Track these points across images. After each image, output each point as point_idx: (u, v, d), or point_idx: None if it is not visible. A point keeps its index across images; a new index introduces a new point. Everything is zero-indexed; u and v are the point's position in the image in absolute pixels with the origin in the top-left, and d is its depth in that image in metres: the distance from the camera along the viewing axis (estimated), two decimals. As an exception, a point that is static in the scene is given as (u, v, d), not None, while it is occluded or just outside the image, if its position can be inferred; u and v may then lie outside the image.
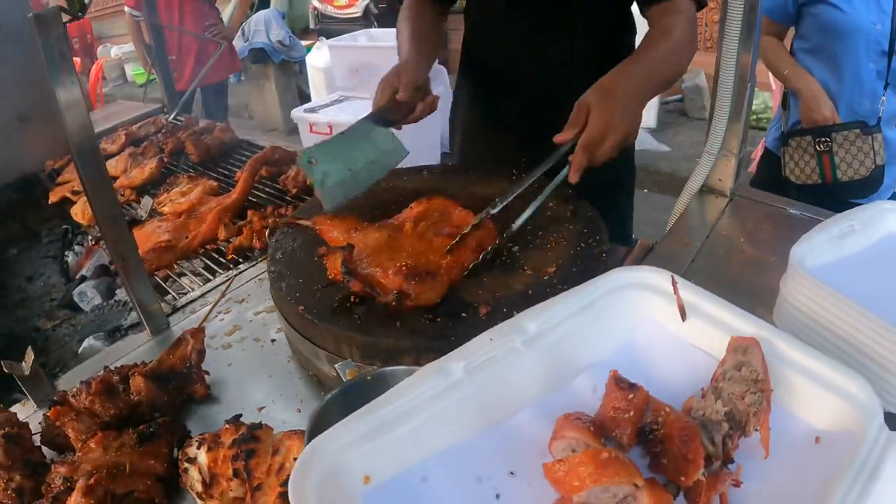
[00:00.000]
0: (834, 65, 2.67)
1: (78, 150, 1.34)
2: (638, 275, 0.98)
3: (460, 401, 0.79)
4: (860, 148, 2.64)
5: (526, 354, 0.86)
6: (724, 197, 1.62)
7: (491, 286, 1.27)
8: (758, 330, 0.85)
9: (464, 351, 0.84)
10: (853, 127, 2.64)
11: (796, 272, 1.03)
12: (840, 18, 2.58)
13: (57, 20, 1.24)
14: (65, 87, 1.27)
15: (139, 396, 1.30)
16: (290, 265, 1.42)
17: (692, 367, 0.86)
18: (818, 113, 2.66)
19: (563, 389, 0.86)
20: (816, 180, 2.73)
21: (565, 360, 0.88)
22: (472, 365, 0.82)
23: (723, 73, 1.43)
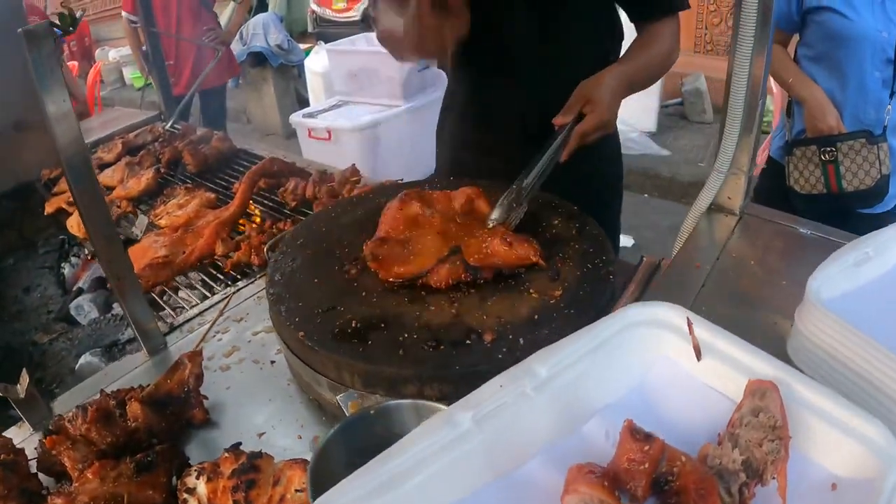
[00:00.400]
0: (839, 73, 2.63)
1: (69, 166, 1.32)
2: (650, 311, 0.95)
3: (469, 452, 0.76)
4: (865, 157, 2.60)
5: (536, 400, 0.83)
6: (734, 215, 1.58)
7: (495, 311, 1.24)
8: (776, 371, 0.82)
9: (472, 399, 0.81)
10: (859, 136, 2.60)
11: (812, 306, 0.99)
12: (845, 26, 2.54)
13: (47, 36, 1.22)
14: (56, 102, 1.25)
15: (136, 423, 1.27)
16: (289, 287, 1.39)
17: (707, 408, 0.83)
18: (823, 122, 2.62)
19: (575, 434, 0.83)
20: (821, 190, 2.69)
21: (577, 402, 0.85)
22: (481, 414, 0.79)
23: (734, 89, 1.39)
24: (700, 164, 5.86)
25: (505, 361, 1.11)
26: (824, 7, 2.58)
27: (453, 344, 1.17)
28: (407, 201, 1.47)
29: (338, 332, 1.22)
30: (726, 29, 6.66)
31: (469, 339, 1.17)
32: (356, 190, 2.14)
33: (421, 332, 1.20)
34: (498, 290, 1.31)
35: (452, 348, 1.16)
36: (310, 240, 1.55)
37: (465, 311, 1.25)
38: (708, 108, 6.66)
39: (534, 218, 1.52)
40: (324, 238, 1.55)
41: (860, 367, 0.94)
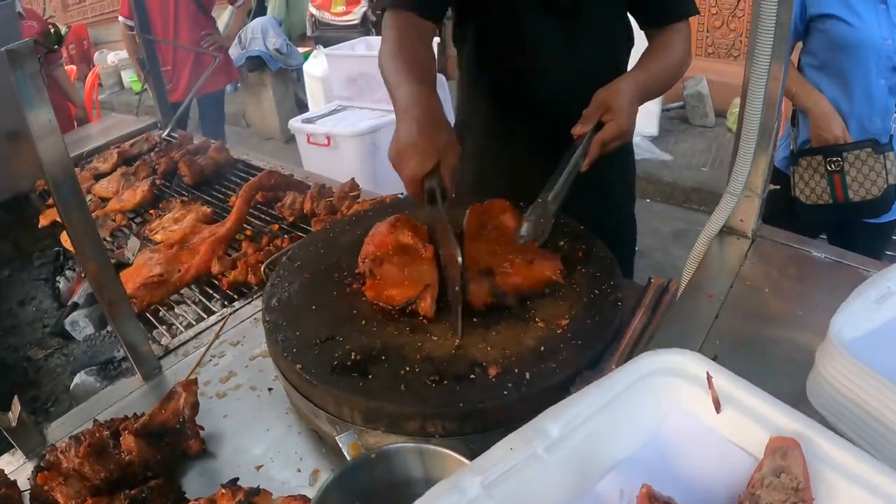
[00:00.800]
0: (843, 81, 2.59)
1: (55, 185, 1.28)
2: (665, 359, 0.90)
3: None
4: (872, 167, 2.56)
5: (549, 461, 0.78)
6: (746, 238, 1.53)
7: (500, 341, 1.20)
8: (798, 426, 0.78)
9: (481, 463, 0.77)
10: (865, 145, 2.56)
11: (835, 348, 0.94)
12: (849, 34, 2.50)
13: (30, 54, 1.19)
14: (40, 120, 1.23)
15: (130, 456, 1.24)
16: (286, 314, 1.35)
17: (727, 464, 0.79)
18: (828, 131, 2.59)
19: (589, 495, 0.79)
20: (827, 200, 2.65)
21: (591, 461, 0.81)
22: (491, 479, 0.74)
23: (749, 109, 1.33)
24: (702, 168, 5.82)
25: (510, 397, 1.08)
26: (828, 15, 2.54)
27: (457, 378, 1.13)
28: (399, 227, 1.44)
29: (337, 365, 1.18)
30: (728, 32, 6.62)
31: (473, 374, 1.13)
32: (355, 206, 2.09)
33: (423, 366, 1.16)
34: (502, 319, 1.27)
35: (456, 383, 1.12)
36: (307, 262, 1.51)
37: (468, 342, 1.21)
38: (710, 112, 6.62)
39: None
40: (322, 260, 1.51)
41: (884, 416, 0.89)
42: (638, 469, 0.73)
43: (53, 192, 1.29)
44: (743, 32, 6.53)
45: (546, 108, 1.81)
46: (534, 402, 1.10)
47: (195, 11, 5.25)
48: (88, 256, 1.37)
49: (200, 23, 5.31)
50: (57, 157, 1.26)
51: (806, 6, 2.59)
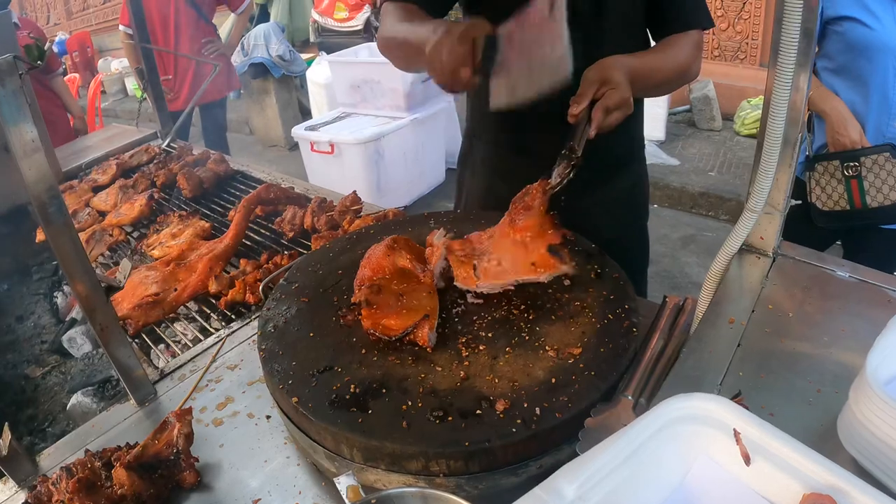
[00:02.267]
0: (860, 85, 2.56)
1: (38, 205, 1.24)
2: (690, 405, 0.83)
3: None
4: (890, 172, 2.52)
5: (565, 528, 0.71)
6: (767, 257, 1.46)
7: (509, 373, 1.14)
8: (834, 479, 0.71)
9: None
10: (883, 150, 2.52)
11: (871, 390, 0.87)
12: (867, 36, 2.46)
13: (12, 71, 1.14)
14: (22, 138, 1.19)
15: (122, 490, 1.19)
16: (282, 342, 1.29)
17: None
18: (845, 136, 2.55)
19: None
20: (845, 206, 2.61)
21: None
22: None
23: (771, 122, 1.26)
24: (710, 172, 5.75)
25: (519, 434, 1.02)
26: (845, 17, 2.50)
27: (462, 414, 1.06)
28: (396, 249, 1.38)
29: (335, 399, 1.12)
30: (734, 34, 6.55)
31: (479, 409, 1.07)
32: (357, 221, 2.03)
33: (426, 399, 1.10)
34: (511, 346, 1.20)
35: (461, 419, 1.05)
36: (305, 285, 1.45)
37: (474, 372, 1.15)
38: (717, 116, 6.55)
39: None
40: (320, 283, 1.45)
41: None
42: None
43: (39, 213, 1.24)
44: (749, 35, 6.47)
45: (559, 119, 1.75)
46: (544, 440, 1.04)
47: (196, 18, 5.20)
48: (77, 279, 1.31)
49: (201, 30, 5.27)
50: (41, 176, 1.21)
51: (823, 8, 2.53)
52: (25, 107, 1.16)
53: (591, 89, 1.48)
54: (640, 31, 1.81)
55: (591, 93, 1.48)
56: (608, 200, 1.52)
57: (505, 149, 1.94)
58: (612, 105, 1.46)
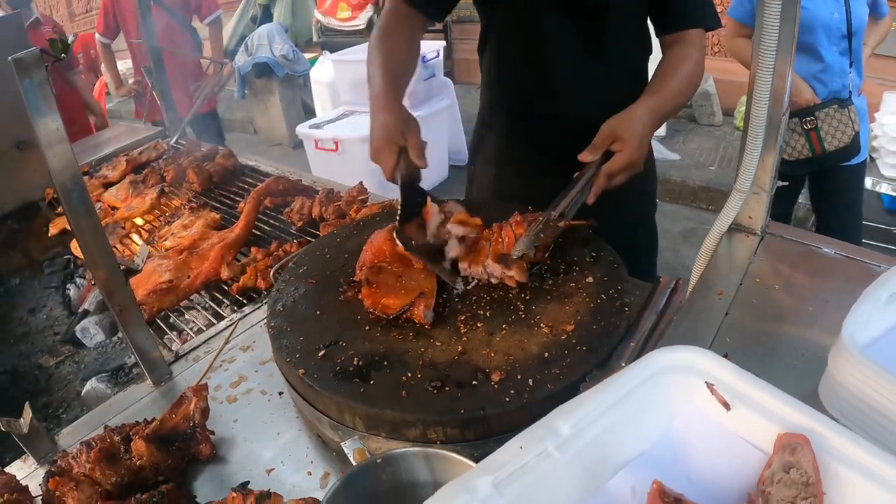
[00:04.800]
0: (806, 54, 3.18)
1: (63, 192, 1.30)
2: (677, 356, 0.91)
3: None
4: (840, 120, 3.16)
5: (559, 459, 0.79)
6: (755, 236, 1.53)
7: (504, 347, 1.20)
8: (809, 421, 0.78)
9: (492, 462, 0.77)
10: (831, 104, 3.17)
11: (847, 352, 0.94)
12: (804, 15, 2.99)
13: (38, 64, 1.20)
14: (48, 128, 1.24)
15: (141, 461, 1.24)
16: (290, 320, 1.36)
17: (738, 460, 0.79)
18: (800, 97, 3.18)
19: (601, 491, 0.79)
20: (807, 155, 3.25)
21: (602, 458, 0.81)
22: (501, 478, 0.75)
23: (755, 105, 1.34)
24: (710, 167, 5.81)
25: (512, 404, 1.08)
26: None
27: (459, 385, 1.13)
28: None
29: (339, 371, 1.19)
30: (733, 31, 6.60)
31: (476, 380, 1.13)
32: (363, 210, 2.10)
33: (425, 371, 1.17)
34: (507, 324, 1.27)
35: (458, 389, 1.12)
36: (313, 267, 1.52)
37: (471, 347, 1.22)
38: (717, 111, 6.61)
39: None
40: (327, 265, 1.52)
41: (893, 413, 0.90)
42: (649, 467, 0.73)
43: (62, 200, 1.31)
44: (749, 31, 6.52)
45: (566, 115, 1.81)
46: (536, 409, 1.10)
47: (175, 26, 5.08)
48: (98, 263, 1.38)
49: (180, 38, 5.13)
50: (65, 164, 1.27)
51: None
52: (51, 98, 1.22)
53: (605, 143, 1.52)
54: (644, 30, 1.83)
55: (605, 145, 1.52)
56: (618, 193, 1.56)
57: (516, 139, 1.99)
58: (616, 170, 1.50)
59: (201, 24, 5.53)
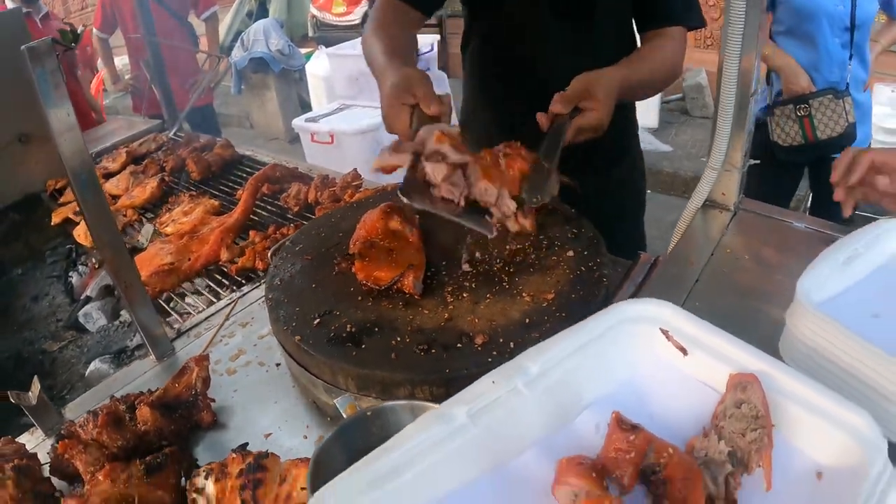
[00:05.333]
0: (806, 42, 3.22)
1: (75, 177, 1.36)
2: (639, 308, 0.98)
3: (463, 445, 0.80)
4: (834, 110, 3.19)
5: (528, 396, 0.86)
6: (728, 211, 1.61)
7: (487, 314, 1.28)
8: (760, 364, 0.86)
9: (466, 395, 0.85)
10: (827, 93, 3.20)
11: (803, 307, 1.02)
12: (808, 3, 3.14)
13: (50, 52, 1.25)
14: (60, 116, 1.29)
15: (146, 426, 1.31)
16: (287, 292, 1.43)
17: (696, 401, 0.86)
18: (796, 84, 3.22)
19: (567, 428, 0.86)
20: (800, 141, 3.28)
21: (568, 398, 0.88)
22: (475, 409, 0.82)
23: (724, 87, 1.41)
24: (702, 158, 5.84)
25: (494, 364, 1.14)
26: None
27: (445, 347, 1.20)
28: (389, 213, 1.51)
29: (333, 337, 1.26)
30: (725, 24, 6.67)
31: (460, 343, 1.21)
32: (357, 195, 2.17)
33: (414, 336, 1.24)
34: (491, 294, 1.34)
35: (444, 352, 1.19)
36: (309, 245, 1.59)
37: (457, 314, 1.29)
38: (709, 103, 6.68)
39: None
40: (323, 243, 1.59)
41: (849, 365, 0.98)
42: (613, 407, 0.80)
43: (73, 183, 1.37)
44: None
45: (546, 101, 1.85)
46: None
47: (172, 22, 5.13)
48: (105, 242, 1.45)
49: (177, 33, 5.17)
50: (76, 149, 1.33)
51: None
52: (62, 86, 1.28)
53: (576, 97, 1.49)
54: (629, 28, 1.85)
55: (575, 100, 1.49)
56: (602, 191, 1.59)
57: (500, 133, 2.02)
58: (585, 126, 1.47)
59: (198, 19, 5.58)
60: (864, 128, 3.38)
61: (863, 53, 3.29)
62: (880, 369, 0.93)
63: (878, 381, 0.94)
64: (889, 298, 1.11)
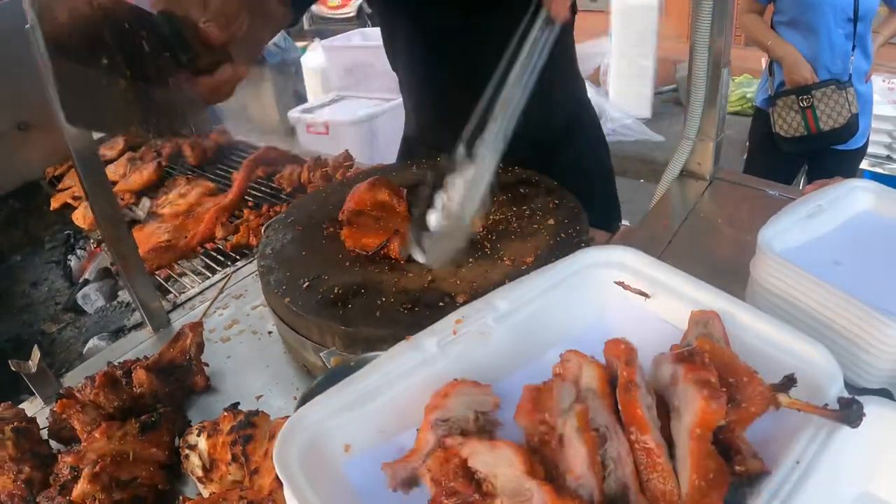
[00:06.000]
0: (809, 33, 3.21)
1: (79, 157, 1.40)
2: (606, 253, 1.03)
3: (434, 374, 0.84)
4: (836, 101, 3.19)
5: (497, 330, 0.91)
6: (704, 181, 1.66)
7: (469, 277, 1.33)
8: (720, 302, 0.90)
9: (437, 327, 0.90)
10: (829, 84, 3.20)
11: (763, 254, 1.07)
12: None
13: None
14: None
15: (141, 389, 1.36)
16: (278, 259, 1.48)
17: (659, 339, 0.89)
18: (799, 75, 3.22)
19: (534, 363, 0.91)
20: (802, 132, 3.28)
21: (536, 336, 0.93)
22: (445, 341, 0.88)
23: (696, 58, 1.47)
24: (694, 148, 5.92)
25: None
26: None
27: (427, 306, 1.25)
28: (377, 186, 1.56)
29: (321, 299, 1.32)
30: (718, 15, 6.71)
31: (442, 302, 1.26)
32: (349, 174, 2.22)
33: (398, 297, 1.29)
34: (473, 259, 1.39)
35: (426, 310, 1.24)
36: (300, 218, 1.65)
37: (440, 277, 1.34)
38: (703, 95, 6.71)
39: (513, 193, 1.61)
40: (314, 216, 1.64)
41: (809, 307, 1.03)
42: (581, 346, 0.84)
43: (77, 163, 1.41)
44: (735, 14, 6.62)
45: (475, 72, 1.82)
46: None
47: None
48: (104, 213, 1.50)
49: None
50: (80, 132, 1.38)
51: None
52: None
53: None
54: None
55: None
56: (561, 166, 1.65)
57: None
58: None
59: None
60: (865, 119, 3.39)
61: (865, 44, 3.28)
62: (838, 309, 0.99)
63: (837, 322, 0.99)
64: (850, 249, 1.16)
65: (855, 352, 1.00)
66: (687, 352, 0.75)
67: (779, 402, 0.73)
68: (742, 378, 0.74)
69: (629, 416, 0.71)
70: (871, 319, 0.97)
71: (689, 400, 0.71)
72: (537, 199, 1.58)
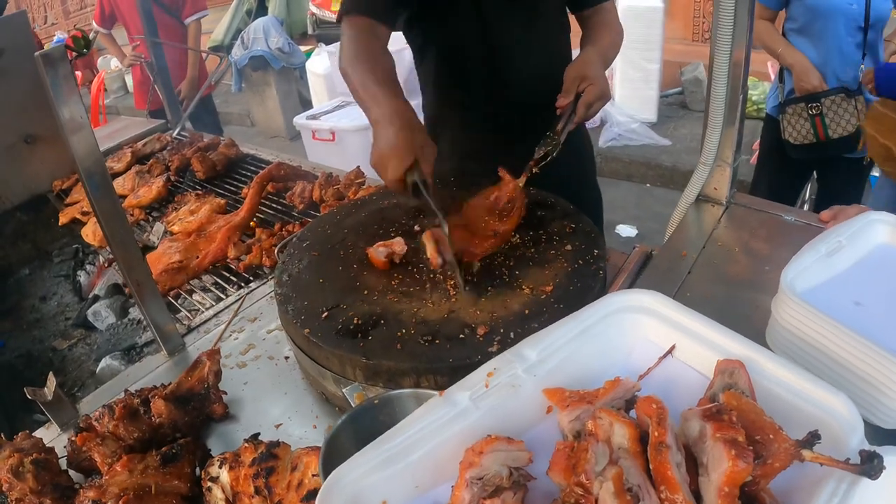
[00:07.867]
0: (819, 41, 3.18)
1: (87, 176, 1.40)
2: (631, 298, 1.03)
3: (467, 428, 0.84)
4: (846, 109, 3.16)
5: (527, 381, 0.91)
6: (720, 205, 1.66)
7: (489, 307, 1.32)
8: (745, 350, 0.90)
9: (469, 381, 0.90)
10: (839, 92, 3.17)
11: (786, 296, 1.07)
12: (822, 1, 3.10)
13: (63, 58, 1.29)
14: (72, 116, 1.33)
15: (160, 419, 1.36)
16: (295, 287, 1.48)
17: (685, 385, 0.91)
18: (808, 82, 3.19)
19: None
20: (811, 140, 3.24)
21: (565, 383, 0.93)
22: (477, 394, 0.87)
23: (715, 84, 1.47)
24: (700, 152, 5.90)
25: (495, 353, 1.18)
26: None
27: (448, 338, 1.25)
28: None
29: (340, 329, 1.31)
30: (722, 17, 6.69)
31: (463, 334, 1.25)
32: (360, 192, 2.22)
33: (418, 328, 1.29)
34: (492, 286, 1.39)
35: (447, 342, 1.24)
36: (315, 242, 1.64)
37: (460, 307, 1.33)
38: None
39: (529, 216, 1.60)
40: (329, 240, 1.64)
41: (831, 351, 1.03)
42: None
43: (85, 181, 1.41)
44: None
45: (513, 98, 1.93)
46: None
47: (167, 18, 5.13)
48: (118, 240, 1.49)
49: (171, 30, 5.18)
50: (88, 148, 1.38)
51: None
52: (75, 88, 1.32)
53: (574, 85, 1.67)
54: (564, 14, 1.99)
55: (574, 88, 1.66)
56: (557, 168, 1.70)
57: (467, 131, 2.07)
58: (592, 99, 1.64)
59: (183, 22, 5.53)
60: None
61: (876, 53, 3.25)
62: (859, 354, 0.98)
63: (857, 366, 0.99)
64: (870, 287, 1.16)
65: (874, 395, 1.01)
66: (715, 408, 0.75)
67: (803, 456, 0.73)
68: (768, 434, 0.75)
69: (660, 476, 0.71)
70: (890, 364, 0.97)
71: (717, 458, 0.71)
72: (553, 222, 1.58)
